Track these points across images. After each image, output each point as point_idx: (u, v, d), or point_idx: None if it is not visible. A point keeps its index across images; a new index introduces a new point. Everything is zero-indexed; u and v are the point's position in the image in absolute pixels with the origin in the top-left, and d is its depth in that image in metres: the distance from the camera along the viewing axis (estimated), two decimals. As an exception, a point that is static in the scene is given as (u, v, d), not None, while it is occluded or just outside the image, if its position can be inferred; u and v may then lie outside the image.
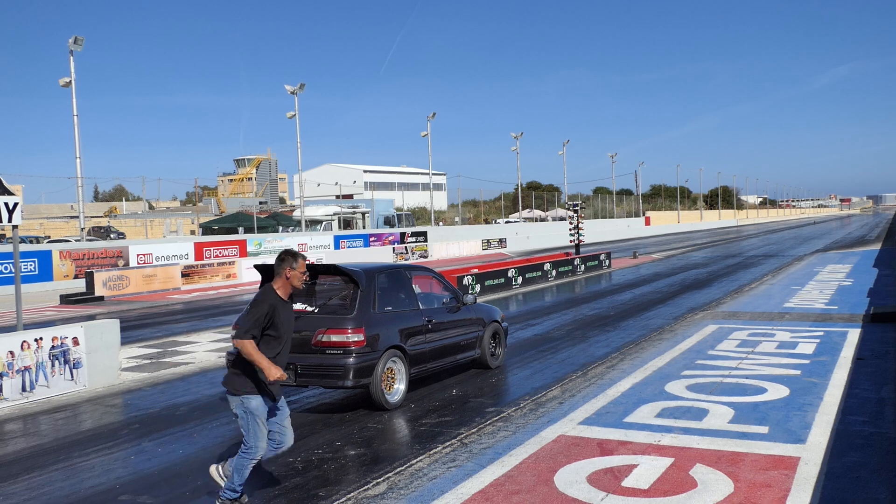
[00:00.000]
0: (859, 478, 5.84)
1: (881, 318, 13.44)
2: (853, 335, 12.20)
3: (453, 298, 10.15)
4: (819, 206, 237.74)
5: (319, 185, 78.09)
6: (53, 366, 9.74)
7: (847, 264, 27.22)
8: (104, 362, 10.45)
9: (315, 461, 6.81)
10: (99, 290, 23.77)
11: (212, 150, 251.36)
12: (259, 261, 30.77)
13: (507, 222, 64.81)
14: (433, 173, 57.07)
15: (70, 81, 31.16)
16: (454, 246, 44.49)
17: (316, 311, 8.59)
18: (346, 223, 52.36)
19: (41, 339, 9.64)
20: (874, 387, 8.76)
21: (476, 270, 22.55)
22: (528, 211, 73.45)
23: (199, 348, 13.37)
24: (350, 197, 66.18)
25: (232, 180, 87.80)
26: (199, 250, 32.43)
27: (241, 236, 37.69)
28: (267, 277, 9.38)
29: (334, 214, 50.99)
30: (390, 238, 43.04)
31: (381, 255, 37.96)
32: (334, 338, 8.26)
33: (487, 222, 65.44)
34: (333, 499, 5.83)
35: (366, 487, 6.04)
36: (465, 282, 20.41)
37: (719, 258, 34.61)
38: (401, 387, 8.79)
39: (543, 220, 71.38)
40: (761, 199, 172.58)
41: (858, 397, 8.28)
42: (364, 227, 52.05)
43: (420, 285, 9.95)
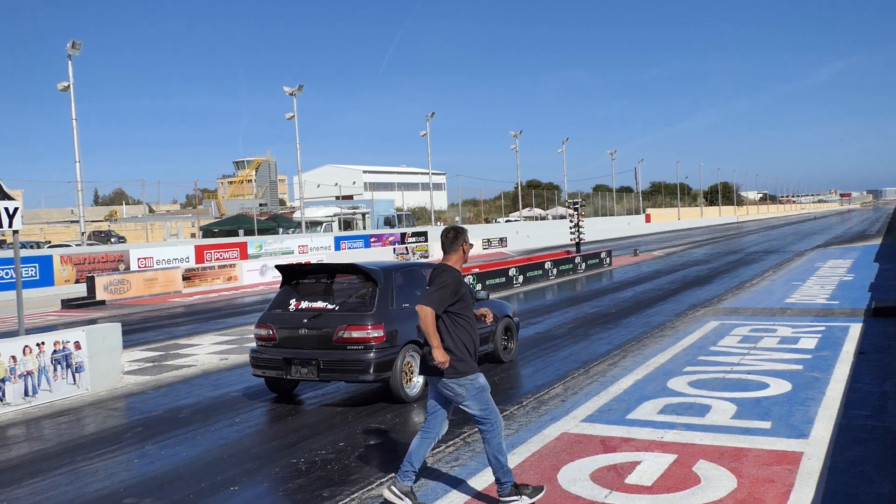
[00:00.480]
0: (863, 472, 5.84)
1: (882, 313, 13.46)
2: (855, 330, 12.21)
3: None
4: (819, 202, 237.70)
5: (319, 186, 78.09)
6: (56, 370, 9.74)
7: (848, 259, 27.23)
8: (106, 366, 10.46)
9: (318, 462, 6.82)
10: (100, 295, 23.78)
11: (211, 152, 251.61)
12: (262, 262, 30.83)
13: (507, 221, 64.82)
14: (433, 173, 57.11)
15: (68, 86, 31.20)
16: (455, 245, 44.34)
17: (336, 308, 8.89)
18: (347, 224, 52.33)
19: (43, 343, 9.64)
20: (876, 381, 8.77)
21: (477, 270, 22.54)
22: (528, 210, 73.48)
23: (200, 351, 13.38)
24: (350, 198, 66.15)
25: (231, 182, 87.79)
26: (199, 253, 32.46)
27: (241, 239, 37.71)
28: (289, 278, 9.52)
29: (334, 215, 50.97)
30: (391, 238, 43.04)
31: (382, 256, 37.89)
32: (355, 334, 8.55)
33: (488, 221, 65.40)
34: (337, 499, 5.84)
35: (369, 487, 6.04)
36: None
37: (720, 255, 34.62)
38: (419, 380, 9.03)
39: (544, 218, 71.42)
40: (761, 195, 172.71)
41: (861, 392, 8.28)
42: (364, 228, 52.03)
43: None
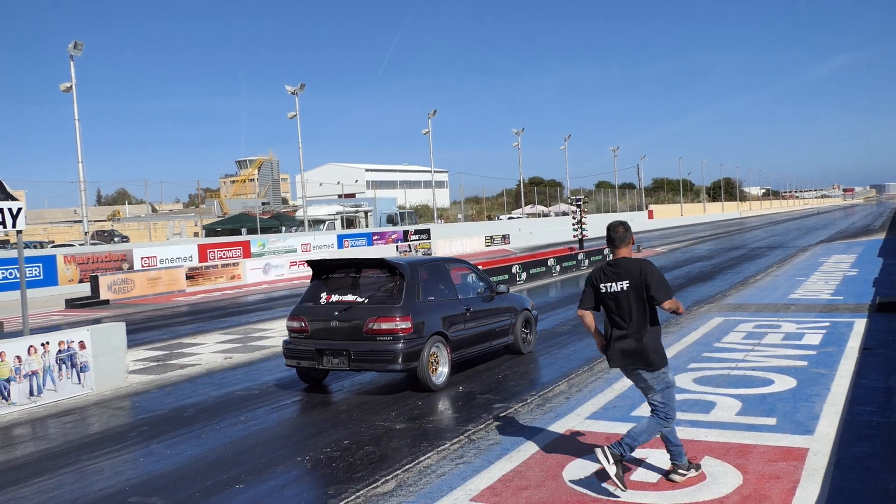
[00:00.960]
0: (868, 468, 5.82)
1: (887, 308, 13.40)
2: (859, 325, 12.17)
3: (487, 288, 10.78)
4: (822, 197, 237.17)
5: (321, 184, 78.12)
6: (60, 370, 9.76)
7: (852, 254, 27.15)
8: (111, 365, 10.48)
9: (323, 460, 6.82)
10: (104, 294, 23.82)
11: (213, 152, 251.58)
12: (265, 261, 30.86)
13: (509, 218, 64.71)
14: (435, 171, 57.06)
15: (71, 86, 31.18)
16: (457, 243, 44.48)
17: (365, 301, 9.26)
18: (349, 222, 52.30)
19: (48, 343, 9.66)
20: (882, 376, 8.74)
21: (480, 267, 22.50)
22: (530, 207, 73.40)
23: (205, 350, 13.39)
24: (352, 196, 66.17)
25: (234, 182, 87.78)
26: (202, 252, 32.47)
27: (244, 237, 37.71)
28: (319, 272, 9.79)
29: (337, 214, 50.93)
30: (394, 236, 43.05)
31: (385, 253, 37.91)
32: (384, 325, 8.93)
33: (490, 219, 65.31)
34: (342, 497, 5.84)
35: (374, 485, 6.04)
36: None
37: (723, 250, 34.57)
38: (444, 370, 9.36)
39: (546, 215, 71.31)
40: (764, 191, 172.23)
41: (866, 387, 8.26)
42: (367, 226, 51.99)
43: (457, 277, 10.54)
